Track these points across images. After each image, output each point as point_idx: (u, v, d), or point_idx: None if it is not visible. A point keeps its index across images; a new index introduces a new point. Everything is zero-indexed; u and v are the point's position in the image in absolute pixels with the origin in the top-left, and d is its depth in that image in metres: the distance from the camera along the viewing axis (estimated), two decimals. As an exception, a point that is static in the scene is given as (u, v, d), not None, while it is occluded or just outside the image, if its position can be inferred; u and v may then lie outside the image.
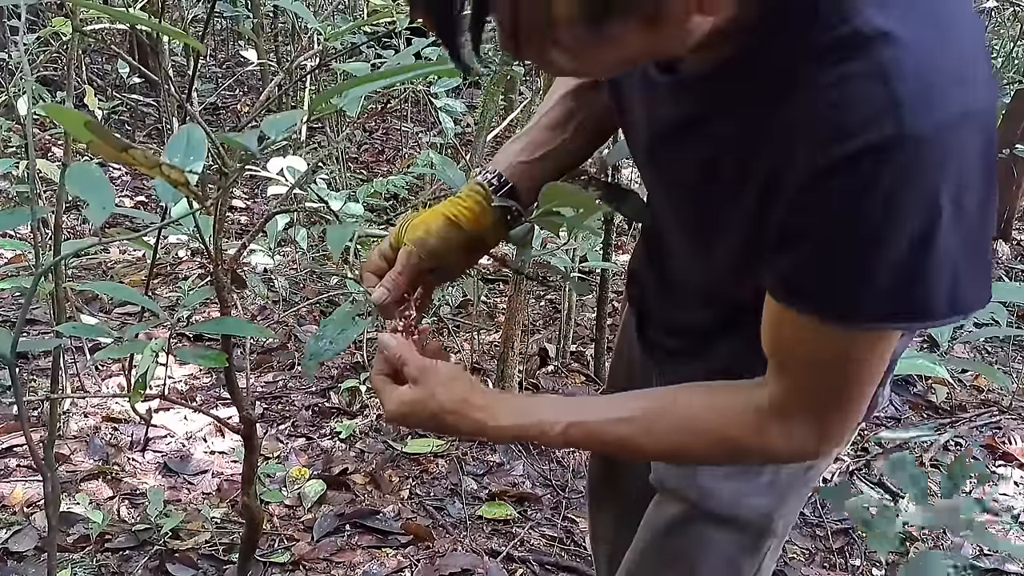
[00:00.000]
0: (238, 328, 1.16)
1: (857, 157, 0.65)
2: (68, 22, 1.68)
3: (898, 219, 0.66)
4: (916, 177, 0.65)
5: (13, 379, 0.94)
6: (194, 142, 0.94)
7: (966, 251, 0.69)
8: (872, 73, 0.64)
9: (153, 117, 4.77)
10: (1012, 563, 2.19)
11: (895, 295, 0.69)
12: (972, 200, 0.67)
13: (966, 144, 0.65)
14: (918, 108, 0.63)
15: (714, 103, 0.77)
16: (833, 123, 0.66)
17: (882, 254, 0.68)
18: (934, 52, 0.65)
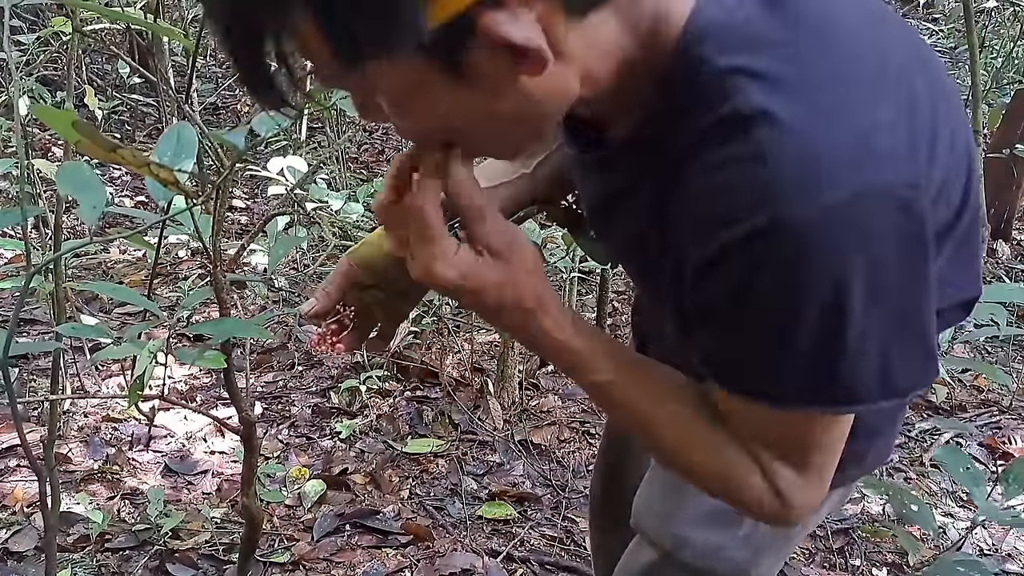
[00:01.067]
0: (238, 329, 1.16)
1: (741, 243, 0.63)
2: (68, 22, 1.68)
3: (796, 303, 0.64)
4: (807, 261, 0.62)
5: (6, 380, 0.94)
6: (184, 140, 0.93)
7: (897, 332, 0.67)
8: (751, 155, 0.61)
9: (153, 117, 4.77)
10: (1012, 563, 2.18)
11: (813, 379, 0.68)
12: (892, 278, 0.64)
13: (869, 223, 0.61)
14: (799, 191, 0.60)
15: (632, 176, 0.74)
16: (717, 208, 0.64)
17: (786, 338, 0.66)
18: (820, 132, 0.61)
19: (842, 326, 0.64)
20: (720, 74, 0.63)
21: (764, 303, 0.65)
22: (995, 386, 2.95)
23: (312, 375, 2.78)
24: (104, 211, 0.93)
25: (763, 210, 0.61)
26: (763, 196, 0.61)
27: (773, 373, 0.69)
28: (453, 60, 0.59)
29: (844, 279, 0.62)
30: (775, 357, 0.68)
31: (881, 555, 2.19)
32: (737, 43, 0.63)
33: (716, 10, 0.64)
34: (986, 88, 3.62)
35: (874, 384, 0.68)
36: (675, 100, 0.66)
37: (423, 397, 2.66)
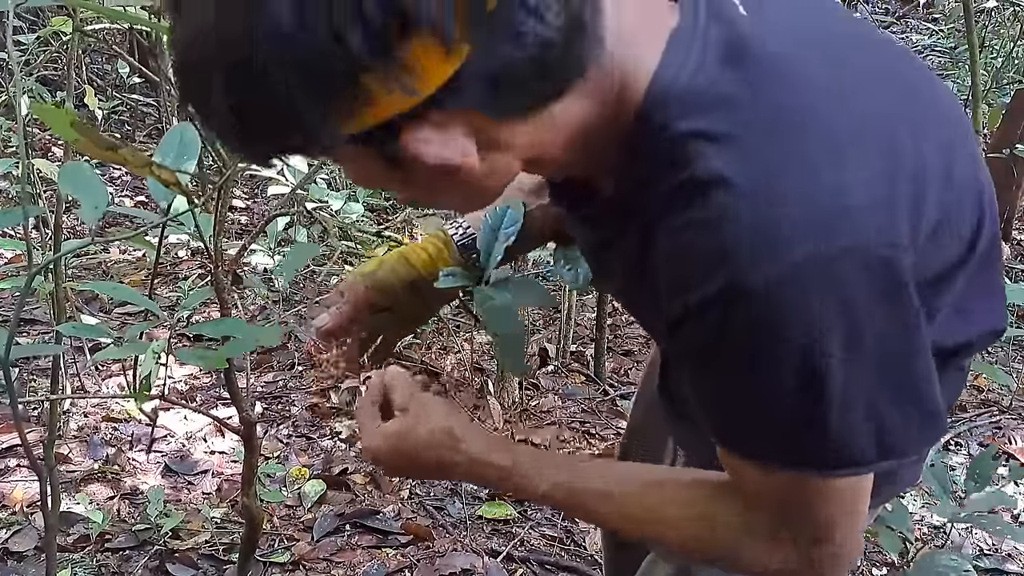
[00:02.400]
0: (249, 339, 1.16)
1: (701, 307, 0.63)
2: (68, 22, 1.68)
3: (764, 366, 0.63)
4: (771, 326, 0.61)
5: (7, 380, 0.94)
6: (187, 141, 0.93)
7: (885, 392, 0.65)
8: (708, 220, 0.61)
9: (153, 117, 4.77)
10: (1012, 563, 2.18)
11: (801, 443, 0.67)
12: (872, 338, 0.62)
13: (838, 285, 0.60)
14: (755, 256, 0.60)
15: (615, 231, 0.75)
16: (680, 271, 0.64)
17: (764, 402, 0.65)
18: (779, 194, 0.60)
19: (820, 389, 0.63)
20: (680, 139, 0.63)
21: (731, 365, 0.65)
22: (995, 386, 2.95)
23: (312, 375, 2.78)
24: (104, 211, 0.93)
25: (719, 275, 0.61)
26: (719, 261, 0.61)
27: (752, 433, 0.68)
28: (386, 156, 0.61)
29: (813, 341, 0.61)
30: (752, 418, 0.67)
31: (881, 555, 2.18)
32: (697, 106, 0.63)
33: (677, 72, 0.63)
34: (986, 88, 3.62)
35: (868, 446, 0.66)
36: (641, 165, 0.66)
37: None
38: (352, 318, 0.94)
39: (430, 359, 2.78)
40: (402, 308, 0.99)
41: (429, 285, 0.99)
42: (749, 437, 0.69)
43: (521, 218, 1.01)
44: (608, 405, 2.72)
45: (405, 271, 0.99)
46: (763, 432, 0.68)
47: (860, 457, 0.67)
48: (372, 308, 0.97)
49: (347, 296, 0.95)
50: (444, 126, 0.59)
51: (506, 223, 1.00)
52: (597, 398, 2.75)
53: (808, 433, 0.66)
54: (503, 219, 1.01)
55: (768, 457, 0.69)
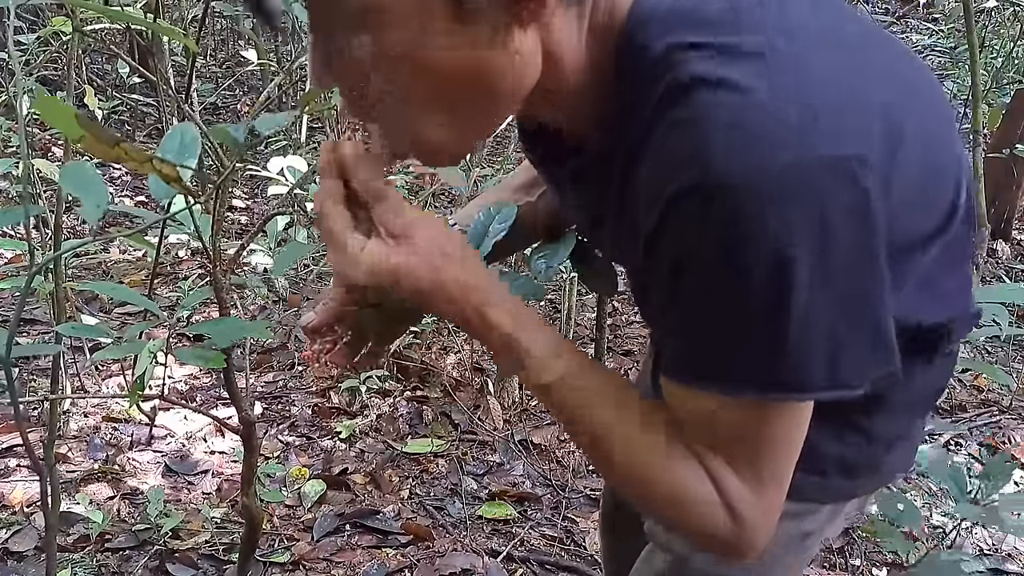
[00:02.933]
0: (237, 329, 1.16)
1: (676, 203, 0.63)
2: (68, 22, 1.68)
3: (733, 267, 0.63)
4: (741, 223, 0.61)
5: (9, 380, 0.94)
6: (188, 140, 0.93)
7: (845, 315, 0.65)
8: (688, 118, 0.62)
9: (153, 117, 4.77)
10: (1012, 563, 2.18)
11: (757, 357, 0.66)
12: (840, 253, 0.63)
13: (810, 191, 0.61)
14: (731, 152, 0.60)
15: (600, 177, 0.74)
16: (658, 171, 0.65)
17: (728, 310, 0.65)
18: (762, 98, 0.61)
19: (786, 298, 0.63)
20: (662, 52, 0.64)
21: (703, 268, 0.64)
22: (995, 386, 2.95)
23: (312, 375, 2.78)
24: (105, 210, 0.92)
25: (695, 170, 0.61)
26: (695, 156, 0.61)
27: (717, 351, 0.68)
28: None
29: (783, 244, 0.61)
30: (719, 332, 0.67)
31: (881, 555, 2.18)
32: (679, 24, 0.65)
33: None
34: (986, 88, 3.62)
35: (821, 370, 0.66)
36: (625, 90, 0.67)
37: (423, 397, 2.65)
38: (337, 314, 0.93)
39: (430, 359, 2.78)
40: (391, 303, 0.96)
41: None
42: (707, 359, 0.69)
43: (513, 217, 1.01)
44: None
45: None
46: (722, 349, 0.67)
47: (810, 381, 0.67)
48: (360, 303, 0.96)
49: (335, 292, 0.94)
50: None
51: (498, 219, 1.01)
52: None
53: (768, 348, 0.65)
54: (495, 216, 1.01)
55: (722, 379, 0.68)
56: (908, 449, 0.96)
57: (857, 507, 1.01)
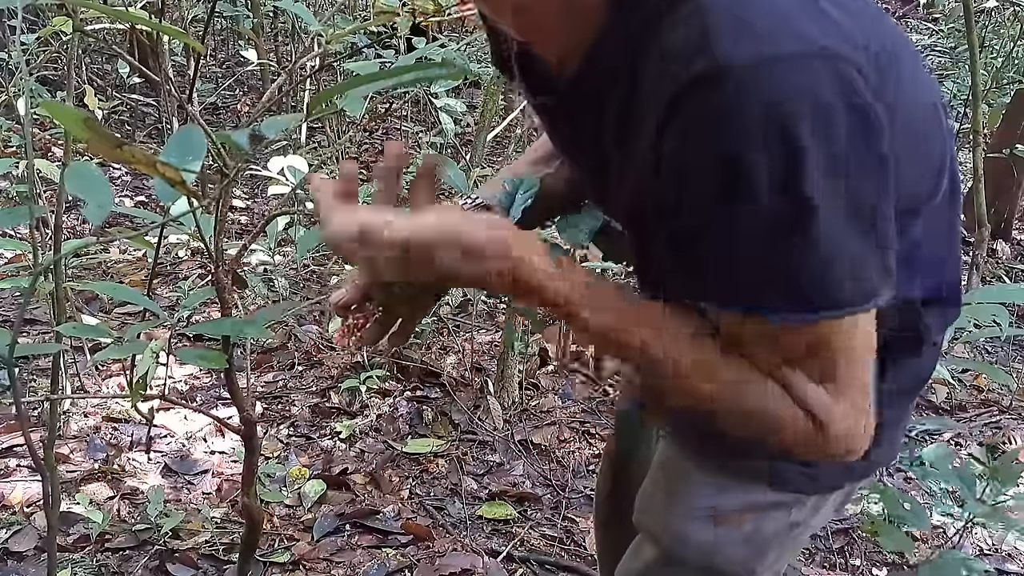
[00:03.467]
0: (238, 329, 1.16)
1: (685, 94, 0.63)
2: (68, 22, 1.68)
3: (744, 160, 0.61)
4: (749, 108, 0.60)
5: (12, 380, 0.94)
6: (193, 142, 0.94)
7: (857, 224, 0.65)
8: (694, 10, 0.64)
9: (153, 117, 4.77)
10: (1012, 563, 2.19)
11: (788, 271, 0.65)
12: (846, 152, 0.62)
13: (814, 81, 0.61)
14: (738, 38, 0.61)
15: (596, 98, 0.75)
16: (666, 66, 0.65)
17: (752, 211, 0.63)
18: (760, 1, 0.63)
19: (803, 191, 0.62)
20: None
21: (713, 163, 0.63)
22: (995, 386, 2.95)
23: (312, 375, 2.78)
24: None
25: (702, 57, 0.62)
26: (702, 44, 0.62)
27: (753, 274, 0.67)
28: None
29: (792, 134, 0.60)
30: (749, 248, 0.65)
31: (881, 555, 2.19)
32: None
33: None
34: (986, 88, 3.62)
35: (847, 279, 0.65)
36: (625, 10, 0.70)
37: (423, 397, 2.66)
38: (366, 290, 0.94)
39: (430, 359, 2.78)
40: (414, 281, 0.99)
41: None
42: (751, 285, 0.67)
43: (537, 186, 1.03)
44: (608, 405, 2.72)
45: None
46: (761, 272, 0.66)
47: (839, 293, 0.66)
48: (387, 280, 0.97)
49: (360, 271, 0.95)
50: None
51: (523, 189, 1.03)
52: (597, 398, 2.75)
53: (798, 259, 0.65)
54: (519, 187, 1.03)
55: (771, 304, 0.67)
56: (893, 440, 0.96)
57: (842, 499, 1.02)
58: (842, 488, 0.99)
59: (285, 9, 2.27)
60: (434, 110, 2.54)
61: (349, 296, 0.92)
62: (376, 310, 0.93)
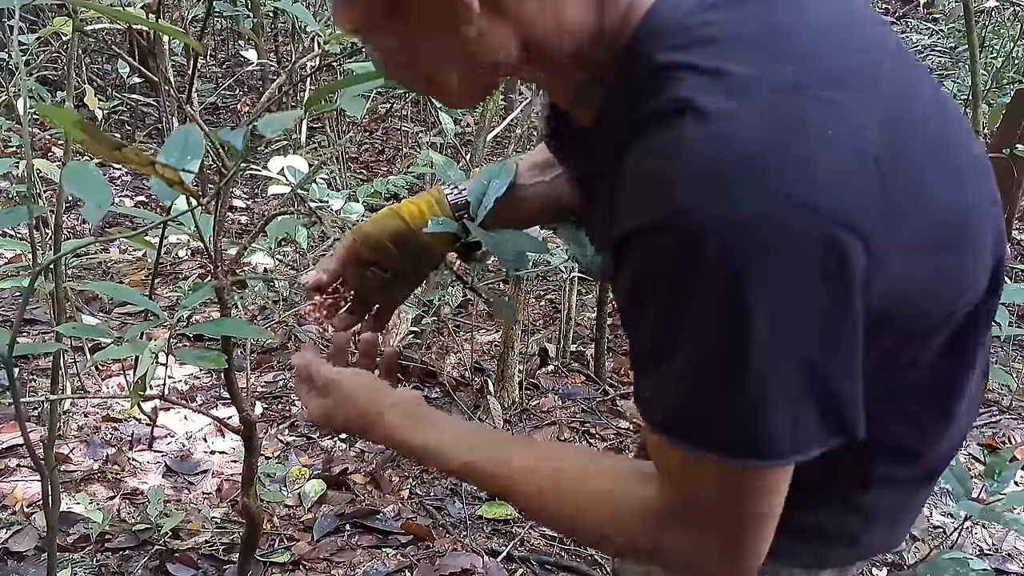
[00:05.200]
0: (238, 329, 1.16)
1: (640, 234, 0.61)
2: (68, 22, 1.68)
3: (687, 310, 0.60)
4: (698, 269, 0.58)
5: (11, 380, 0.94)
6: (192, 142, 0.94)
7: (808, 381, 0.61)
8: (667, 147, 0.59)
9: (153, 117, 4.77)
10: (1012, 563, 2.18)
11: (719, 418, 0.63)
12: (802, 319, 0.59)
13: (779, 248, 0.57)
14: (700, 193, 0.57)
15: (596, 162, 0.74)
16: (631, 195, 0.63)
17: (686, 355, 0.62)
18: (749, 135, 0.57)
19: (740, 354, 0.59)
20: (660, 69, 0.62)
21: (657, 307, 0.63)
22: (995, 386, 2.95)
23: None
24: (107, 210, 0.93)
25: (660, 204, 0.59)
26: (663, 190, 0.59)
27: (673, 401, 0.65)
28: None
29: (742, 298, 0.58)
30: (673, 379, 0.64)
31: (881, 555, 2.19)
32: (684, 42, 0.62)
33: (674, 6, 0.64)
34: (986, 88, 3.62)
35: (783, 434, 0.62)
36: (621, 92, 0.66)
37: (423, 397, 2.65)
38: (339, 272, 0.94)
39: (430, 359, 2.78)
40: (390, 262, 0.99)
41: (417, 239, 0.98)
42: (668, 407, 0.66)
43: (511, 176, 1.01)
44: (608, 405, 2.72)
45: (394, 224, 0.98)
46: (680, 404, 0.65)
47: (767, 446, 0.63)
48: (360, 262, 0.97)
49: (335, 251, 0.96)
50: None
51: (498, 175, 1.01)
52: (597, 398, 2.75)
53: (724, 406, 0.62)
54: (496, 173, 1.02)
55: (684, 434, 0.65)
56: (893, 528, 0.88)
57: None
58: (827, 569, 0.90)
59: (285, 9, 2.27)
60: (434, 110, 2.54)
61: (319, 277, 0.93)
62: (348, 294, 0.94)
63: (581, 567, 2.06)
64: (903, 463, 0.81)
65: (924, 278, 0.66)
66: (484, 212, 0.99)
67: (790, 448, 0.63)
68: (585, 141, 0.76)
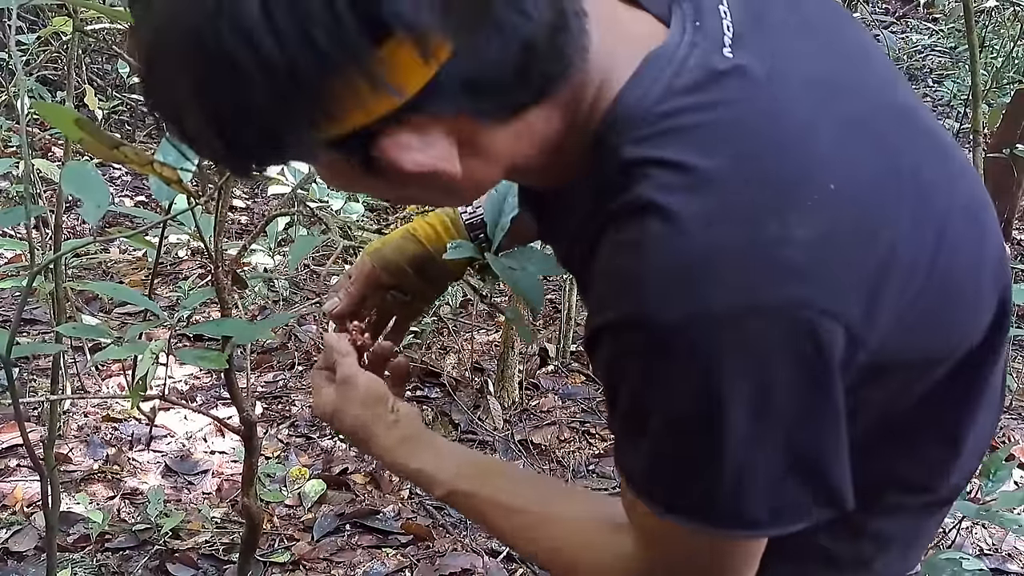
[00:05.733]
0: (237, 329, 1.16)
1: (607, 331, 0.62)
2: (68, 22, 1.68)
3: (657, 406, 0.61)
4: (667, 366, 0.59)
5: (10, 380, 0.94)
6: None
7: (786, 461, 0.61)
8: (633, 245, 0.59)
9: (153, 117, 4.76)
10: (1012, 563, 2.18)
11: (692, 493, 0.63)
12: (781, 407, 0.59)
13: (751, 341, 0.57)
14: (667, 293, 0.57)
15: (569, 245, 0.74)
16: (599, 291, 0.63)
17: (659, 443, 0.63)
18: (712, 233, 0.56)
19: (717, 444, 0.60)
20: (628, 164, 0.60)
21: (629, 399, 0.63)
22: (995, 386, 2.95)
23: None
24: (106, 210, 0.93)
25: (627, 303, 0.59)
26: (630, 289, 0.59)
27: (656, 475, 0.65)
28: (364, 161, 0.59)
29: (715, 394, 0.58)
30: (650, 457, 0.64)
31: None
32: (652, 134, 0.60)
33: (642, 96, 0.61)
34: (986, 88, 3.62)
35: (760, 510, 0.63)
36: (591, 185, 0.64)
37: (423, 397, 2.66)
38: (361, 297, 0.94)
39: (430, 359, 2.78)
40: (410, 285, 0.98)
41: (435, 261, 0.98)
42: (652, 480, 0.66)
43: None
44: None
45: (412, 248, 0.98)
46: (663, 477, 0.65)
47: (747, 519, 0.63)
48: (380, 286, 0.97)
49: (355, 276, 0.95)
50: (425, 131, 0.57)
51: (512, 193, 0.97)
52: (597, 398, 2.75)
53: (696, 486, 0.63)
54: (509, 190, 0.98)
55: (664, 504, 0.66)
56: (907, 553, 0.87)
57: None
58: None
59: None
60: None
61: (344, 305, 0.92)
62: (372, 318, 0.93)
63: (581, 567, 2.06)
64: (913, 493, 0.81)
65: (916, 336, 0.66)
66: (501, 233, 0.98)
67: (768, 522, 0.64)
68: (557, 212, 0.74)
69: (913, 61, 5.76)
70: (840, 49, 0.70)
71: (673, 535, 0.66)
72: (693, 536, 0.65)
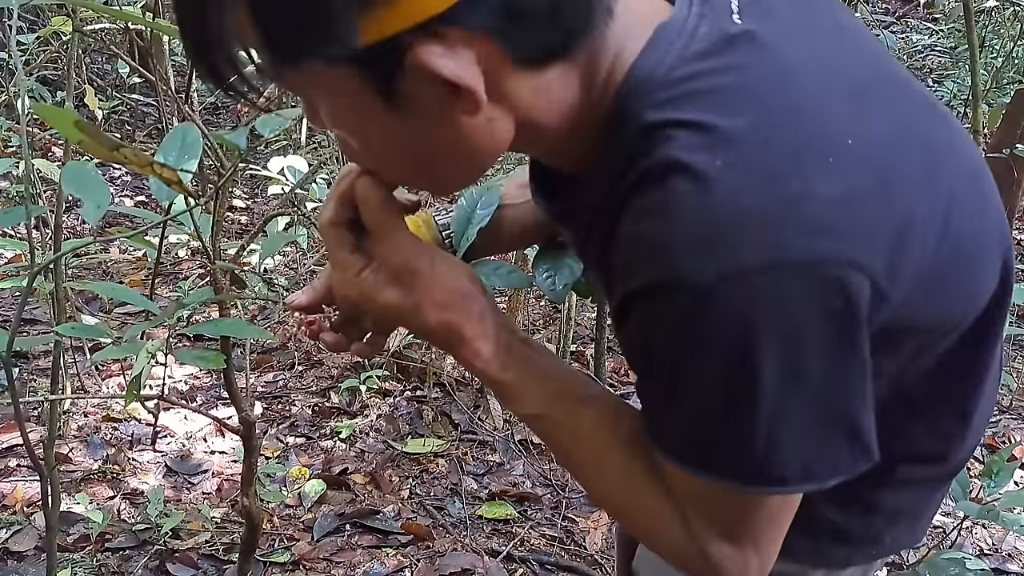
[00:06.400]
0: (237, 330, 1.16)
1: (639, 296, 0.62)
2: (68, 22, 1.68)
3: (696, 367, 0.62)
4: (703, 326, 0.59)
5: (9, 380, 0.94)
6: (189, 142, 0.93)
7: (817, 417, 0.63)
8: (660, 208, 0.59)
9: (153, 117, 4.77)
10: (1012, 563, 2.18)
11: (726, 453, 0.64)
12: (813, 360, 0.60)
13: (781, 296, 0.58)
14: (697, 252, 0.57)
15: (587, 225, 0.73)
16: (627, 257, 0.63)
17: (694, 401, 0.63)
18: (738, 191, 0.57)
19: (751, 400, 0.61)
20: (649, 128, 0.61)
21: (665, 361, 0.64)
22: (995, 386, 2.95)
23: (312, 375, 2.78)
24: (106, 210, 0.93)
25: (659, 266, 0.59)
26: (661, 252, 0.59)
27: (690, 437, 0.66)
28: (386, 84, 0.59)
29: (750, 351, 0.59)
30: (690, 422, 0.65)
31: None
32: (671, 98, 0.61)
33: (656, 64, 0.62)
34: (986, 88, 3.62)
35: (792, 465, 0.64)
36: (612, 153, 0.65)
37: (423, 397, 2.66)
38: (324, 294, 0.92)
39: (430, 359, 2.78)
40: None
41: None
42: (685, 443, 0.67)
43: (496, 202, 0.97)
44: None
45: None
46: (697, 438, 0.66)
47: (782, 476, 0.64)
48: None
49: (323, 271, 0.94)
50: (457, 47, 0.57)
51: (481, 204, 0.96)
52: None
53: (733, 443, 0.64)
54: (479, 201, 0.97)
55: (699, 464, 0.67)
56: (915, 525, 0.90)
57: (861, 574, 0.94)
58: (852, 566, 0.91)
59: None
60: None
61: (304, 299, 0.90)
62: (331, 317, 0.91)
63: (581, 567, 2.06)
64: (926, 464, 0.83)
65: (931, 298, 0.67)
66: (467, 244, 0.95)
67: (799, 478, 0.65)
68: (573, 193, 0.74)
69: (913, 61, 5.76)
70: (834, 25, 0.71)
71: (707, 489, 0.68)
72: (726, 495, 0.67)
